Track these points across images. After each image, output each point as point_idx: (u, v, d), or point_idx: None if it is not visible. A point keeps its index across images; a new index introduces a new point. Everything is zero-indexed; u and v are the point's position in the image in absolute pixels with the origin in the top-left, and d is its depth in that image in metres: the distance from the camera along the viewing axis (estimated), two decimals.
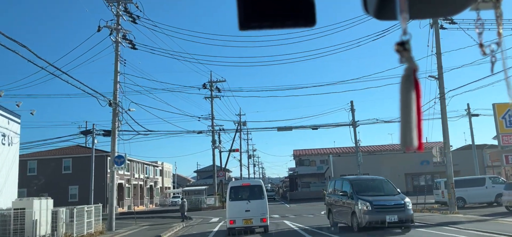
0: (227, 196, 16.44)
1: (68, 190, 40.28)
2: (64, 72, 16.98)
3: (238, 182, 18.75)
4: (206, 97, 41.62)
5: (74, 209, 16.26)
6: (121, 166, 21.85)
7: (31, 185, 39.24)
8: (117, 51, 21.83)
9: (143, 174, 51.80)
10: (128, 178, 46.48)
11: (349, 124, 27.86)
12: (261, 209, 15.52)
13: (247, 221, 15.39)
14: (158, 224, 24.00)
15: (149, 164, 54.89)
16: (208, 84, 41.59)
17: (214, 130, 40.34)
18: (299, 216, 24.23)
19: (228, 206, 16.10)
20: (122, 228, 21.69)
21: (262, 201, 15.62)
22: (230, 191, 16.32)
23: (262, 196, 15.89)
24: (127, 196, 46.24)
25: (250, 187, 16.65)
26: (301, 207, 34.58)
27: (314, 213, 26.31)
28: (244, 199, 15.73)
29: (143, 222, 26.18)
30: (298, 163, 63.79)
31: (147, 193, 53.23)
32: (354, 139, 27.67)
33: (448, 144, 21.85)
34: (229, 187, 16.65)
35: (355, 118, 27.64)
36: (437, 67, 21.35)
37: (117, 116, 22.10)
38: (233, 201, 15.96)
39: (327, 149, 63.75)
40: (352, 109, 27.81)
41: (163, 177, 65.90)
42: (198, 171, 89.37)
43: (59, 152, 41.01)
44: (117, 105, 22.01)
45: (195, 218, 26.53)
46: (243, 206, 15.57)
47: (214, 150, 40.92)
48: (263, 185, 17.07)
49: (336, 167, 51.25)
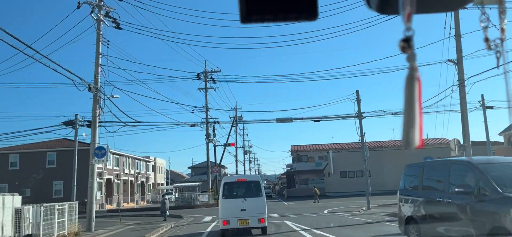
0: (220, 193, 14.32)
1: (52, 185, 37.84)
2: (42, 55, 14.76)
3: (233, 178, 16.55)
4: (200, 89, 39.33)
5: (41, 207, 13.94)
6: (102, 159, 19.53)
7: (13, 180, 36.79)
8: (99, 30, 19.48)
9: (134, 170, 49.42)
10: (118, 173, 44.10)
11: (355, 115, 25.64)
12: (259, 208, 13.55)
13: (242, 221, 13.43)
14: (145, 223, 21.72)
15: (141, 159, 52.50)
16: (202, 74, 39.28)
17: (209, 123, 38.04)
18: (301, 215, 22.02)
19: (221, 205, 14.03)
20: (103, 228, 19.43)
21: (260, 199, 13.66)
22: (223, 188, 14.22)
23: (260, 193, 13.90)
24: (116, 192, 43.86)
25: (246, 183, 14.62)
26: (300, 205, 32.39)
27: (316, 212, 24.13)
28: (240, 197, 13.79)
29: (130, 221, 23.89)
30: (296, 159, 61.64)
31: (138, 189, 50.87)
32: (360, 132, 25.44)
33: (468, 137, 19.67)
34: (223, 183, 14.51)
35: (361, 109, 25.43)
36: (456, 50, 19.16)
37: (98, 103, 19.78)
38: (227, 199, 13.91)
39: (326, 145, 61.62)
40: (357, 100, 25.57)
41: (156, 173, 63.55)
42: (193, 167, 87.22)
43: (43, 145, 38.56)
44: (98, 90, 19.67)
45: (186, 217, 24.26)
46: (238, 205, 13.55)
47: (208, 144, 38.64)
48: (261, 181, 14.91)
49: (336, 163, 49.12)
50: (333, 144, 61.18)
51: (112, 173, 42.55)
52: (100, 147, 19.48)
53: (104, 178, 39.85)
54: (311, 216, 21.38)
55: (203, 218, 22.80)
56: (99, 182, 39.40)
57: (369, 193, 25.11)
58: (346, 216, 20.15)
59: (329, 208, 26.44)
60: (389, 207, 25.32)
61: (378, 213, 22.05)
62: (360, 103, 25.71)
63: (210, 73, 39.35)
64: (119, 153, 44.64)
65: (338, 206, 28.94)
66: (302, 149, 61.84)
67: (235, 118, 46.43)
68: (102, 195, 39.15)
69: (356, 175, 48.67)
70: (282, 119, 25.96)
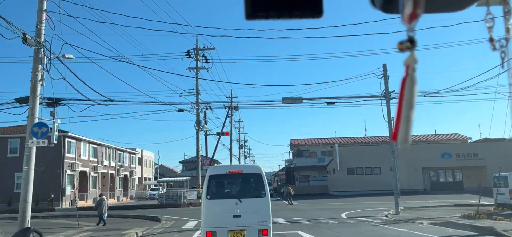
0: (204, 190, 9.04)
1: (14, 177, 32.19)
2: None
3: (223, 168, 11.12)
4: (191, 68, 33.80)
5: None
6: (43, 140, 14.01)
7: None
8: None
9: (115, 162, 43.79)
10: (95, 165, 38.47)
11: (381, 95, 20.26)
12: (261, 213, 8.78)
13: (235, 233, 8.66)
14: (108, 229, 16.27)
15: (124, 150, 46.87)
16: (194, 51, 33.80)
17: (199, 107, 32.55)
18: (316, 222, 16.67)
19: (204, 208, 8.97)
20: None
21: (262, 201, 8.90)
22: (209, 183, 9.09)
23: (263, 192, 9.02)
24: (92, 187, 38.25)
25: (242, 177, 9.55)
26: (306, 206, 27.04)
27: (332, 216, 18.78)
28: (232, 197, 9.10)
29: (92, 223, 18.47)
30: (296, 154, 56.26)
31: (119, 184, 45.25)
32: (387, 116, 20.06)
33: None
34: (208, 176, 9.28)
35: (389, 87, 20.10)
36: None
37: (40, 63, 14.24)
38: (214, 199, 8.81)
39: (329, 139, 56.27)
40: (384, 75, 20.21)
41: (143, 166, 57.98)
42: (184, 162, 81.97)
43: (4, 130, 32.94)
44: (41, 45, 14.11)
45: (166, 220, 18.83)
46: (230, 208, 8.77)
47: (199, 133, 33.16)
48: (263, 173, 9.51)
49: (343, 158, 43.79)
50: (336, 139, 55.82)
51: (87, 164, 36.94)
52: (41, 123, 13.93)
53: (76, 170, 34.27)
54: (330, 223, 15.99)
55: (186, 222, 17.38)
56: (70, 175, 33.82)
57: (398, 194, 19.77)
58: (382, 227, 14.72)
59: (345, 211, 21.09)
60: (423, 211, 20.02)
61: (417, 219, 16.75)
62: (387, 80, 20.34)
63: (202, 50, 33.88)
64: (97, 142, 39.03)
65: (351, 207, 23.64)
66: (303, 143, 56.47)
67: (231, 107, 40.99)
68: (73, 189, 33.58)
69: (365, 173, 43.44)
70: (289, 98, 20.55)
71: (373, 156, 43.13)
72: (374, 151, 44.38)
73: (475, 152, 43.05)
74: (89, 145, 37.53)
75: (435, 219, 16.89)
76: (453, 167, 43.90)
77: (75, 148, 34.61)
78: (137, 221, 19.83)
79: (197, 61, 33.78)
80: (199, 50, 33.84)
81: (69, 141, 33.60)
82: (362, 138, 56.90)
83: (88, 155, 37.29)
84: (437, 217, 17.72)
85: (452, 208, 22.43)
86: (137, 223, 18.67)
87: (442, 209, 21.58)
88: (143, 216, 21.12)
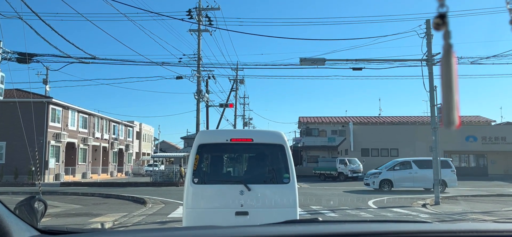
0: (188, 170, 5.33)
1: None
2: None
3: (221, 134, 6.55)
4: (192, 30, 29.90)
5: None
6: None
7: None
8: None
9: (108, 134, 40.29)
10: (85, 137, 34.95)
11: (422, 59, 16.36)
12: (282, 210, 5.30)
13: None
14: (78, 215, 12.74)
15: (119, 123, 43.33)
16: (195, 11, 29.83)
17: (200, 75, 28.76)
18: (341, 212, 13.05)
19: (188, 199, 5.22)
20: None
21: (284, 189, 5.51)
22: (197, 156, 5.30)
23: (286, 175, 5.51)
24: (81, 160, 34.81)
25: (252, 149, 5.95)
26: (320, 190, 23.47)
27: (358, 205, 15.14)
28: (234, 181, 5.77)
29: (63, 203, 14.98)
30: (305, 132, 52.63)
31: (113, 158, 41.83)
32: (429, 85, 16.19)
33: None
34: (196, 145, 5.48)
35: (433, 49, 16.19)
36: None
37: None
38: (203, 184, 5.14)
39: (341, 118, 52.48)
40: (427, 34, 16.27)
41: (141, 140, 54.62)
42: (186, 137, 78.44)
43: None
44: None
45: (152, 204, 15.26)
46: (229, 200, 5.35)
47: (199, 104, 29.42)
48: (287, 145, 5.70)
49: (357, 138, 40.10)
50: (349, 118, 52.00)
51: (76, 136, 33.41)
52: None
53: (62, 141, 30.76)
54: (361, 215, 12.33)
55: (177, 207, 13.78)
56: (55, 146, 30.32)
57: (438, 182, 16.05)
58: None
59: (371, 199, 17.45)
60: (468, 202, 16.16)
61: (469, 212, 13.12)
62: (431, 40, 16.40)
63: (205, 10, 29.90)
64: (87, 111, 35.43)
65: (375, 195, 20.04)
66: (312, 121, 52.76)
67: (236, 79, 37.21)
68: (58, 163, 30.13)
69: (381, 154, 39.74)
70: (309, 59, 16.73)
71: (390, 136, 39.48)
72: (391, 131, 40.69)
73: (503, 135, 39.17)
74: (78, 114, 33.95)
75: (492, 213, 13.26)
76: (477, 152, 40.10)
77: (61, 116, 31.04)
78: (118, 202, 16.31)
79: (199, 23, 29.88)
80: (201, 10, 29.96)
81: (54, 109, 29.98)
82: (376, 117, 53.10)
83: (77, 125, 33.73)
84: (491, 211, 14.08)
85: (495, 198, 18.83)
86: (117, 205, 15.14)
87: (487, 200, 17.95)
88: (129, 197, 17.61)
